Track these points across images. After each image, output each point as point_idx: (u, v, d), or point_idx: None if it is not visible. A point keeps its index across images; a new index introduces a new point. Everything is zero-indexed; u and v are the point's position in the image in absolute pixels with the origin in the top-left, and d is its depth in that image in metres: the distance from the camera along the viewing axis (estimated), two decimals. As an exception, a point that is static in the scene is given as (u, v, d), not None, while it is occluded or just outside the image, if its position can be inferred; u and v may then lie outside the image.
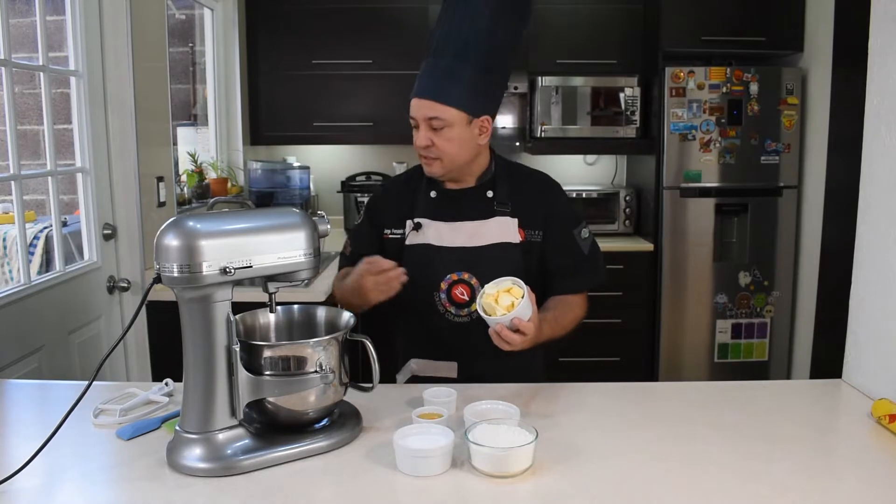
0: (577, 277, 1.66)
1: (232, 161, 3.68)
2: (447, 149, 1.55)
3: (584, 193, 3.79)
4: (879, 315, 1.51)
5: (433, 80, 1.54)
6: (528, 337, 1.36)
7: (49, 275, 2.31)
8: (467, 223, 1.62)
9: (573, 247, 1.66)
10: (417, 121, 1.57)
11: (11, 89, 2.14)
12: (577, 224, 1.68)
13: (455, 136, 1.55)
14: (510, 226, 1.61)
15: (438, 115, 1.53)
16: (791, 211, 3.50)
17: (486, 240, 1.61)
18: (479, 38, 1.52)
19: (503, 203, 1.63)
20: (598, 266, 1.69)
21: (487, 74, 1.55)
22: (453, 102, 1.52)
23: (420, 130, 1.56)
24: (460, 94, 1.52)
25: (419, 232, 1.64)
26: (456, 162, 1.58)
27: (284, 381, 1.22)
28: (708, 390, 1.63)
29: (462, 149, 1.57)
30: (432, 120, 1.53)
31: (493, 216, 1.62)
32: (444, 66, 1.53)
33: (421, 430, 1.22)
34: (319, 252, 1.28)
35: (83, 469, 1.21)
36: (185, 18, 4.18)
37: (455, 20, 1.54)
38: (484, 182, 1.65)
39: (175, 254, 1.13)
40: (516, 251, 1.61)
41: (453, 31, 1.54)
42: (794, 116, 3.43)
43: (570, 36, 3.71)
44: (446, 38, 1.54)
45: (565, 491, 1.12)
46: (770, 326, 3.55)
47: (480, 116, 1.57)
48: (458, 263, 1.61)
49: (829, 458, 1.29)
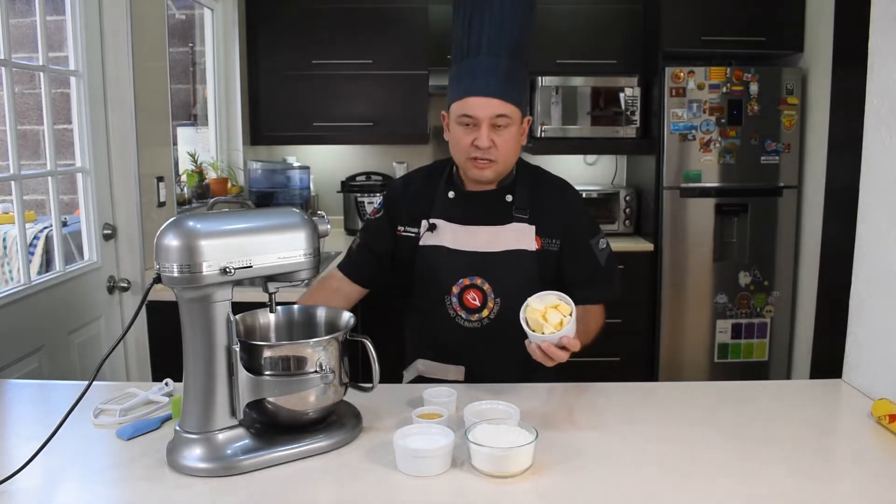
0: (594, 289, 1.64)
1: (232, 161, 3.68)
2: (507, 149, 1.53)
3: (584, 193, 3.79)
4: (879, 315, 1.51)
5: (495, 79, 1.49)
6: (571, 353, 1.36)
7: (49, 275, 2.31)
8: (484, 227, 1.59)
9: (590, 257, 1.63)
10: (479, 120, 1.50)
11: (11, 89, 2.14)
12: (594, 234, 1.65)
13: (512, 136, 1.53)
14: (527, 233, 1.58)
15: (506, 112, 1.49)
16: (791, 211, 3.50)
17: (502, 246, 1.58)
18: (521, 35, 1.53)
19: (522, 209, 1.59)
20: (613, 279, 1.69)
21: (524, 74, 1.57)
22: (515, 100, 1.51)
23: (482, 130, 1.50)
24: (520, 92, 1.52)
25: (434, 233, 1.61)
26: (508, 164, 1.57)
27: (284, 381, 1.22)
28: (708, 390, 1.63)
29: (515, 149, 1.56)
30: (499, 118, 1.49)
31: (510, 222, 1.59)
32: (502, 65, 1.50)
33: (421, 430, 1.22)
34: (319, 252, 1.28)
35: (83, 469, 1.21)
36: (185, 18, 4.18)
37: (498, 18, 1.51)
38: (504, 186, 1.62)
39: (175, 254, 1.13)
40: (532, 259, 1.58)
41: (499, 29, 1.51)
42: (794, 116, 3.43)
43: (570, 36, 3.71)
44: (494, 36, 1.51)
45: (565, 491, 1.12)
46: (770, 326, 3.55)
47: (526, 115, 1.58)
48: (472, 268, 1.58)
49: (829, 458, 1.29)
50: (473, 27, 1.53)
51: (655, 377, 3.59)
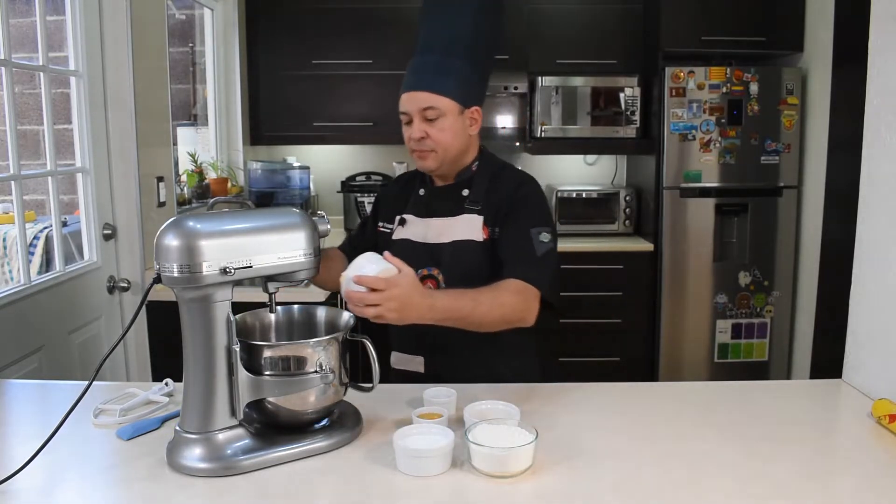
0: (518, 268, 1.51)
1: (232, 161, 3.68)
2: (441, 139, 1.57)
3: (584, 193, 3.79)
4: (879, 315, 1.51)
5: (425, 74, 1.58)
6: (383, 295, 1.25)
7: (49, 275, 2.31)
8: (437, 220, 1.65)
9: (525, 241, 1.55)
10: (411, 114, 1.58)
11: (11, 89, 2.14)
12: (539, 225, 1.57)
13: (448, 127, 1.57)
14: (476, 223, 1.61)
15: (433, 104, 1.55)
16: (791, 211, 3.50)
17: (452, 237, 1.62)
18: (463, 33, 1.57)
19: (475, 201, 1.63)
20: (544, 270, 1.53)
21: (475, 67, 1.60)
22: (446, 92, 1.56)
23: (414, 123, 1.58)
24: (452, 85, 1.56)
25: (404, 227, 1.69)
26: (449, 153, 1.60)
27: (284, 381, 1.22)
28: (708, 390, 1.63)
29: (455, 139, 1.59)
30: (427, 111, 1.55)
31: (461, 213, 1.63)
32: (433, 60, 1.58)
33: (421, 430, 1.22)
34: (319, 252, 1.28)
35: (83, 469, 1.21)
36: (185, 18, 4.18)
37: (440, 19, 1.60)
38: (463, 180, 1.67)
39: (175, 254, 1.13)
40: (479, 249, 1.60)
41: (439, 29, 1.59)
42: (794, 116, 3.43)
43: (570, 36, 3.71)
44: (433, 36, 1.60)
45: (565, 491, 1.12)
46: (770, 326, 3.55)
47: (470, 107, 1.61)
48: (429, 259, 1.62)
49: (829, 458, 1.29)
50: (422, 27, 1.62)
51: (655, 377, 3.59)
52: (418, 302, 1.30)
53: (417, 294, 1.30)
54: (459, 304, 1.38)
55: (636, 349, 3.64)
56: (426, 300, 1.32)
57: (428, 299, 1.32)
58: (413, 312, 1.30)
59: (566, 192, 3.78)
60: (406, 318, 1.29)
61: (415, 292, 1.30)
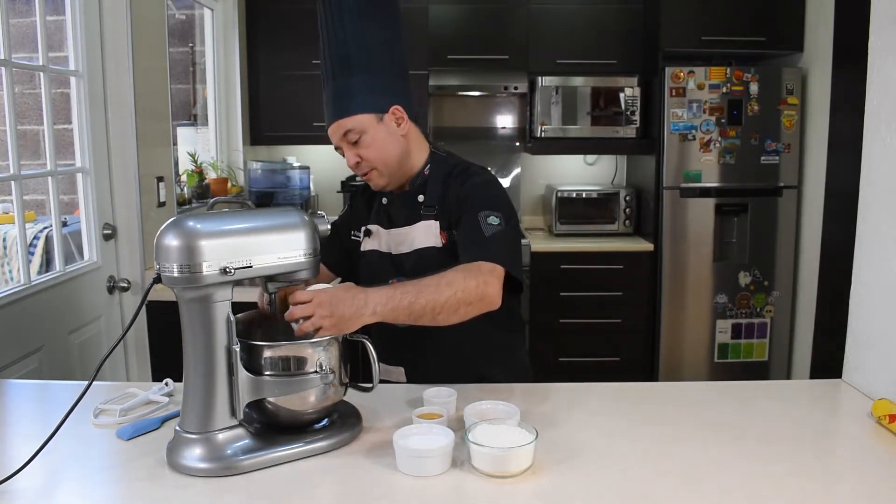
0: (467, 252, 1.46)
1: (232, 161, 3.68)
2: (372, 155, 1.54)
3: (584, 193, 3.79)
4: (879, 315, 1.51)
5: (333, 104, 1.56)
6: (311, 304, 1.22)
7: (49, 275, 2.31)
8: (397, 230, 1.62)
9: (473, 228, 1.49)
10: (340, 146, 1.57)
11: (11, 89, 2.14)
12: (484, 209, 1.51)
13: (372, 141, 1.54)
14: (433, 229, 1.58)
15: (348, 127, 1.53)
16: (791, 211, 3.50)
17: (412, 245, 1.59)
18: (347, 48, 1.54)
19: (430, 206, 1.59)
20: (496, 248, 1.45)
21: (374, 73, 1.55)
22: (352, 111, 1.53)
23: (345, 152, 1.56)
24: (355, 103, 1.54)
25: (370, 238, 1.66)
26: (388, 163, 1.56)
27: (284, 381, 1.22)
28: (708, 390, 1.63)
29: (386, 147, 1.55)
30: (347, 135, 1.53)
31: (419, 220, 1.59)
32: (333, 88, 1.56)
33: (421, 430, 1.22)
34: (319, 252, 1.28)
35: (83, 469, 1.21)
36: (185, 18, 4.18)
37: (326, 47, 1.58)
38: (417, 185, 1.62)
39: (175, 254, 1.13)
40: (439, 255, 1.55)
41: (328, 56, 1.57)
42: (794, 116, 3.43)
43: (570, 36, 3.71)
44: (326, 65, 1.58)
45: (565, 491, 1.12)
46: (770, 326, 3.55)
47: (388, 109, 1.56)
48: (395, 270, 1.60)
49: (829, 458, 1.29)
50: (321, 61, 1.60)
51: (655, 377, 3.59)
52: (350, 301, 1.25)
53: (346, 293, 1.26)
54: (399, 293, 1.30)
55: (636, 349, 3.65)
56: (359, 296, 1.26)
57: (361, 294, 1.27)
58: (347, 311, 1.24)
59: (566, 192, 3.78)
60: (344, 320, 1.24)
61: (342, 292, 1.25)
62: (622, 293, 3.59)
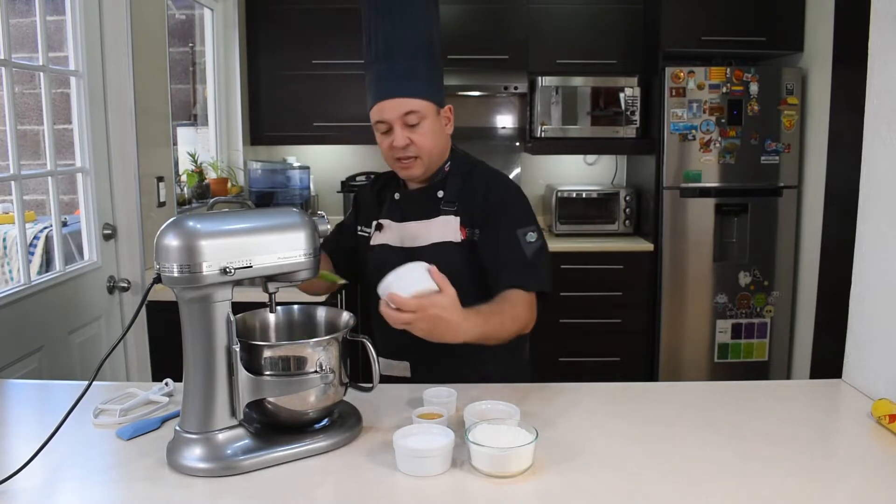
0: (515, 275, 1.52)
1: (232, 161, 3.68)
2: (425, 144, 1.55)
3: (584, 193, 3.79)
4: (879, 315, 1.51)
5: (396, 80, 1.54)
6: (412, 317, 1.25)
7: (49, 275, 2.31)
8: (413, 223, 1.62)
9: (513, 245, 1.54)
10: (390, 122, 1.54)
11: (11, 89, 2.14)
12: (523, 225, 1.56)
13: (429, 130, 1.55)
14: (452, 224, 1.59)
15: (414, 108, 1.52)
16: (791, 211, 3.50)
17: (429, 239, 1.60)
18: (420, 34, 1.55)
19: (450, 202, 1.61)
20: (539, 271, 1.54)
21: (437, 66, 1.60)
22: (423, 95, 1.54)
23: (395, 131, 1.54)
24: (425, 87, 1.55)
25: (381, 232, 1.66)
26: (433, 157, 1.59)
27: (284, 381, 1.22)
28: (708, 390, 1.63)
29: (437, 141, 1.58)
30: (408, 115, 1.53)
31: (438, 215, 1.61)
32: (401, 66, 1.54)
33: (421, 430, 1.22)
34: (319, 252, 1.28)
35: (83, 469, 1.21)
36: (185, 18, 4.18)
37: (394, 23, 1.55)
38: (437, 181, 1.64)
39: (175, 254, 1.13)
40: (457, 250, 1.58)
41: (396, 34, 1.55)
42: (794, 116, 3.43)
43: (570, 36, 3.71)
44: (392, 42, 1.55)
45: (565, 491, 1.12)
46: (770, 326, 3.55)
47: (444, 105, 1.60)
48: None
49: (829, 458, 1.29)
50: (377, 34, 1.58)
51: (655, 377, 3.59)
52: (451, 328, 1.28)
53: (451, 315, 1.27)
54: (489, 327, 1.37)
55: (636, 349, 3.65)
56: (462, 325, 1.29)
57: (463, 323, 1.29)
58: (444, 334, 1.28)
59: (566, 192, 3.78)
60: (435, 337, 1.28)
61: (448, 314, 1.27)
62: (622, 293, 3.59)
